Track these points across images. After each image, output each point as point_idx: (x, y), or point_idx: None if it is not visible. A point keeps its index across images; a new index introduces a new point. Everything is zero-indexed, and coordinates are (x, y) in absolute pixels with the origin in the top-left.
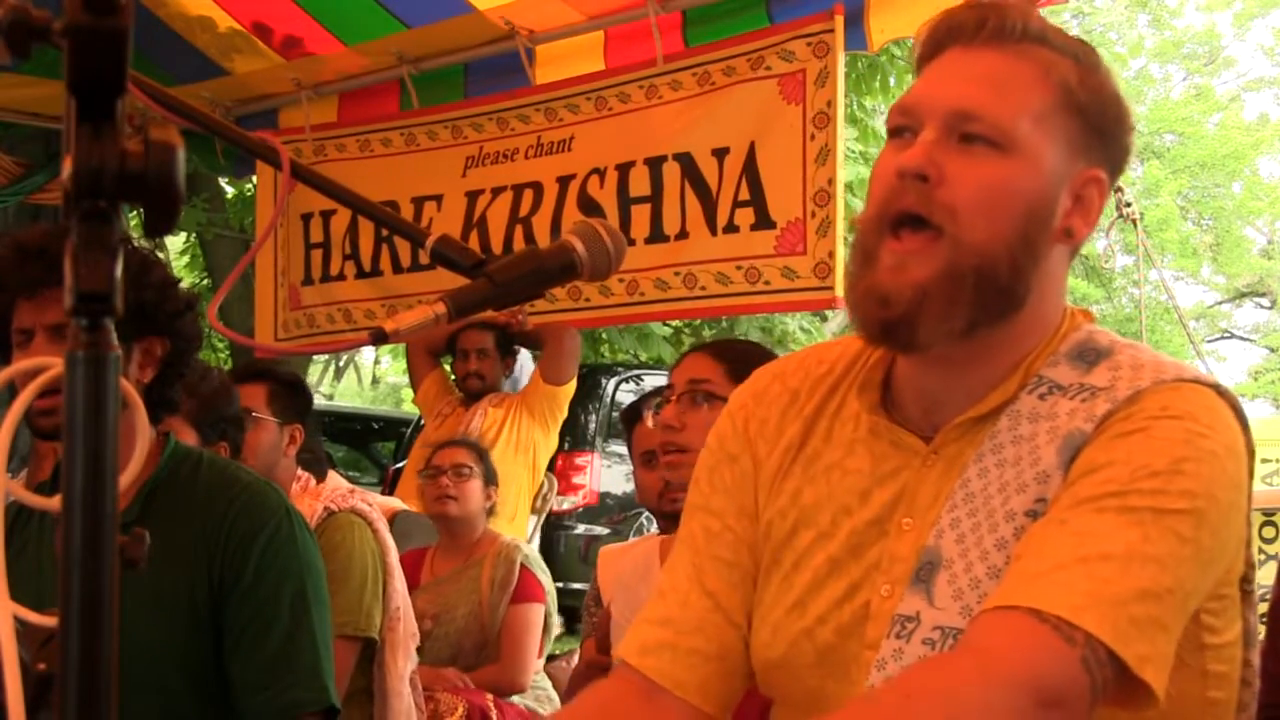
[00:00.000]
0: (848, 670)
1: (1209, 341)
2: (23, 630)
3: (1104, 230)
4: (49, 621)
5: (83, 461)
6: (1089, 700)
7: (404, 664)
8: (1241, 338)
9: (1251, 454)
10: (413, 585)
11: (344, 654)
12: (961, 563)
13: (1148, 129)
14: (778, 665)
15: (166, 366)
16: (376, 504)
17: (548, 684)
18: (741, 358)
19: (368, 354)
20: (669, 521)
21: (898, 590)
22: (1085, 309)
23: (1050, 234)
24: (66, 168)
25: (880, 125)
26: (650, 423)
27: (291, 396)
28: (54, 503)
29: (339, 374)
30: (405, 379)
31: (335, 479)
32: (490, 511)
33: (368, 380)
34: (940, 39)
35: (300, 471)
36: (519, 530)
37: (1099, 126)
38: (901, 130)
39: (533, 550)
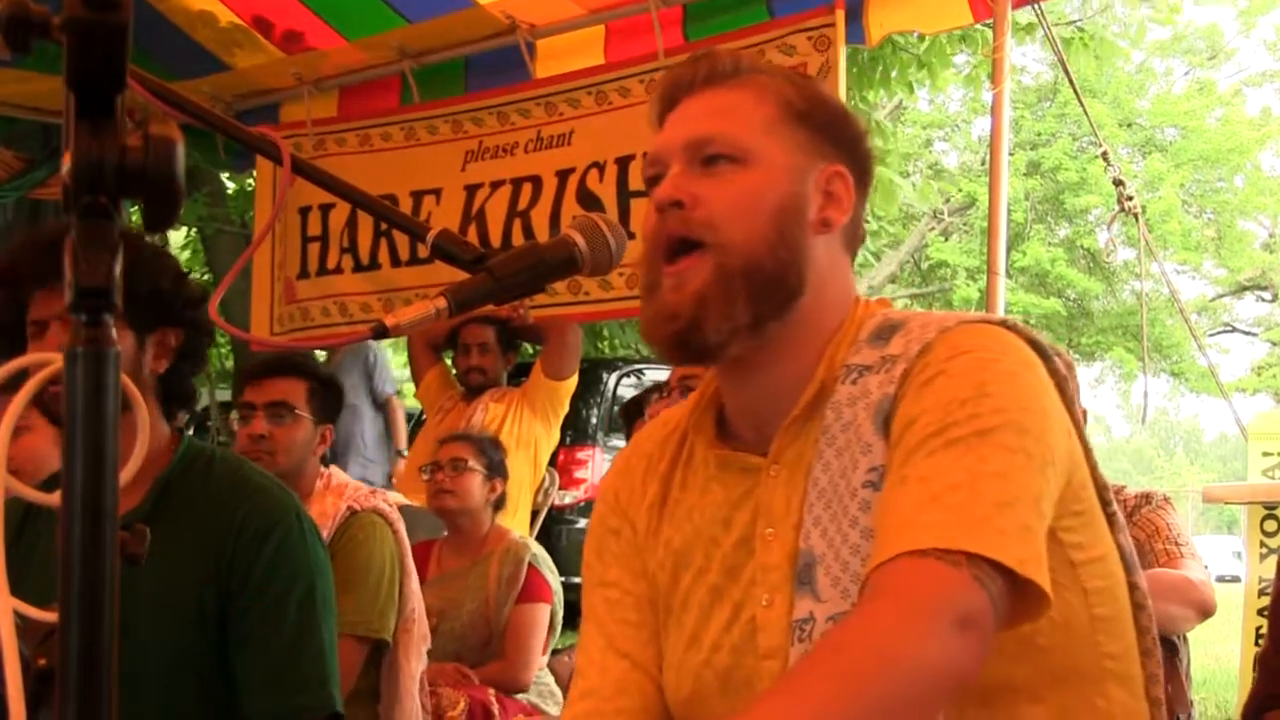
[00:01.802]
0: (751, 686)
1: (1210, 335)
2: (24, 626)
3: (1105, 224)
4: (49, 617)
5: (83, 457)
6: (993, 615)
7: (415, 666)
8: (1244, 331)
9: (1057, 376)
10: (419, 579)
11: (353, 654)
12: (831, 554)
13: (1149, 123)
14: (688, 701)
15: (181, 358)
16: (394, 504)
17: (550, 679)
18: None
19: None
20: None
21: (777, 598)
22: (882, 298)
23: (806, 226)
24: (66, 163)
25: (882, 117)
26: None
27: (327, 396)
28: (54, 498)
29: None
30: (407, 372)
31: (337, 473)
32: (498, 505)
33: None
34: (668, 96)
35: (323, 469)
36: (520, 525)
37: (826, 129)
38: (654, 179)
39: (541, 550)
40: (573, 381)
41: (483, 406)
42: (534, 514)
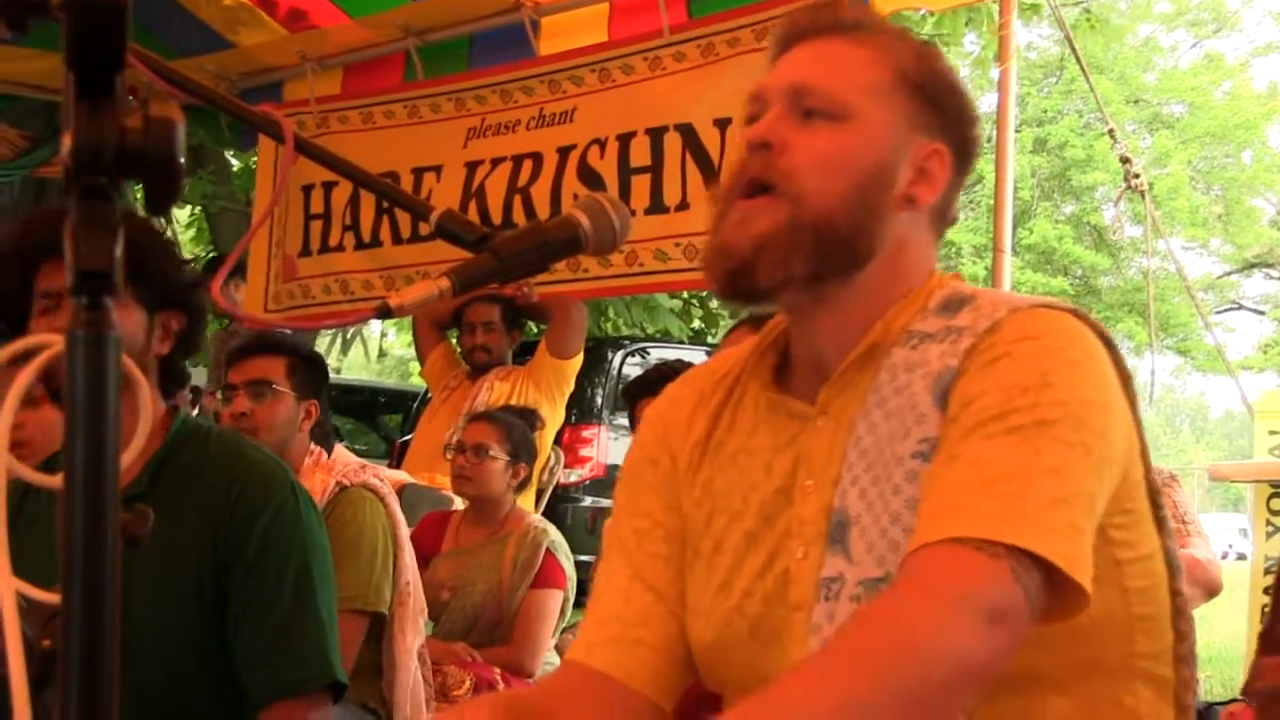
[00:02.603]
0: (780, 637)
1: (1218, 312)
2: (27, 607)
3: (1113, 201)
4: (52, 598)
5: (84, 441)
6: (1028, 610)
7: (412, 638)
8: (1251, 309)
9: (1122, 370)
10: (435, 550)
11: (353, 629)
12: (869, 516)
13: (1156, 98)
14: (714, 647)
15: (180, 341)
16: (386, 478)
17: (557, 660)
18: None
19: (374, 326)
20: None
21: (812, 551)
22: (957, 274)
23: (890, 197)
24: (66, 144)
25: None
26: None
27: (310, 371)
28: (56, 480)
29: (346, 346)
30: (412, 351)
31: (342, 453)
32: (522, 486)
33: (374, 353)
34: (785, 38)
35: (312, 445)
36: (525, 504)
37: (937, 105)
38: (754, 117)
39: (559, 535)
40: (578, 360)
41: (488, 385)
42: (539, 493)
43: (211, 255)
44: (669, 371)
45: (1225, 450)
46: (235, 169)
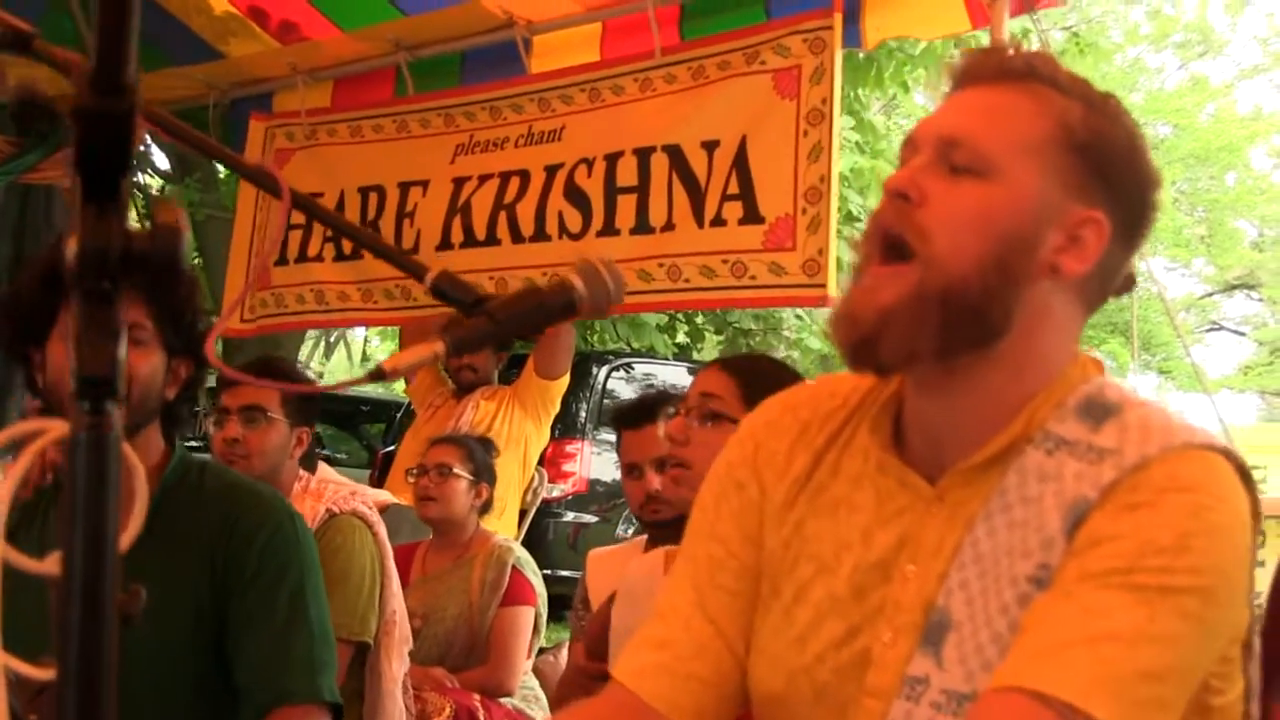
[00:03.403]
0: (846, 713)
1: (1198, 332)
2: (15, 680)
3: None
4: (43, 675)
5: (83, 541)
6: None
7: (397, 667)
8: (1232, 330)
9: (1257, 517)
10: (403, 582)
11: (338, 657)
12: (969, 626)
13: (1141, 119)
14: (777, 699)
15: (186, 387)
16: (374, 505)
17: (536, 684)
18: (757, 376)
19: (358, 332)
20: (654, 529)
21: (900, 641)
22: (1097, 359)
23: (1033, 265)
24: (71, 247)
25: (875, 117)
26: (661, 431)
27: (304, 399)
28: (51, 565)
29: (329, 351)
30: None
31: (327, 472)
32: (484, 509)
33: (358, 357)
34: (954, 78)
35: (302, 472)
36: (509, 524)
37: (1102, 169)
38: (905, 161)
39: (524, 552)
40: (564, 381)
41: (473, 404)
42: (522, 513)
43: (196, 260)
44: (651, 400)
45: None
46: (222, 176)
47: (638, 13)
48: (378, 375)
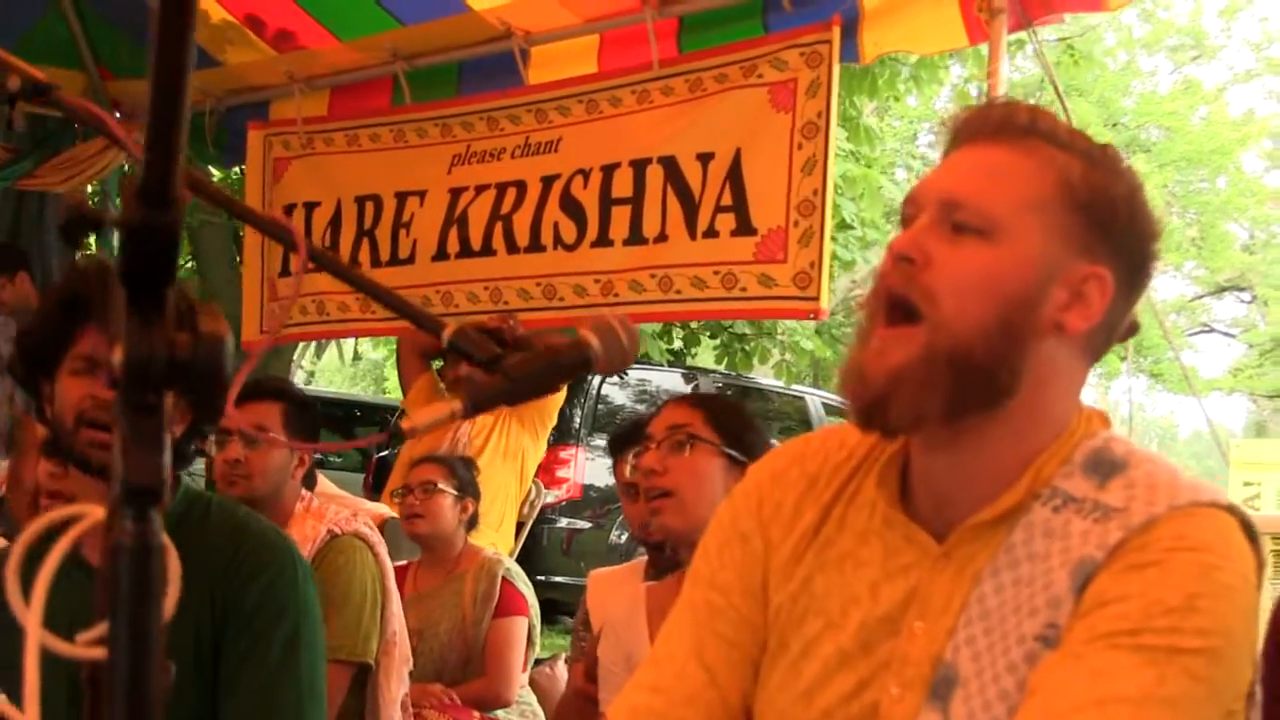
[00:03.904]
0: None
1: (1189, 335)
2: None
3: None
4: None
5: (128, 644)
6: None
7: (397, 688)
8: (1222, 332)
9: (1261, 568)
10: None
11: (338, 678)
12: (976, 683)
13: (1134, 122)
14: None
15: (191, 426)
16: (373, 524)
17: (533, 698)
18: (720, 405)
19: None
20: (655, 552)
21: (909, 696)
22: (1102, 412)
23: (1038, 324)
24: (117, 356)
25: (870, 123)
26: (628, 472)
27: (304, 418)
28: (99, 652)
29: (320, 350)
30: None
31: (326, 486)
32: (471, 524)
33: (349, 356)
34: (954, 135)
35: (304, 492)
36: (505, 537)
37: (1103, 225)
38: (908, 220)
39: (514, 564)
40: (561, 395)
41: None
42: (519, 525)
43: (190, 263)
44: (649, 421)
45: (1193, 470)
46: (215, 178)
47: (636, 25)
48: (398, 434)
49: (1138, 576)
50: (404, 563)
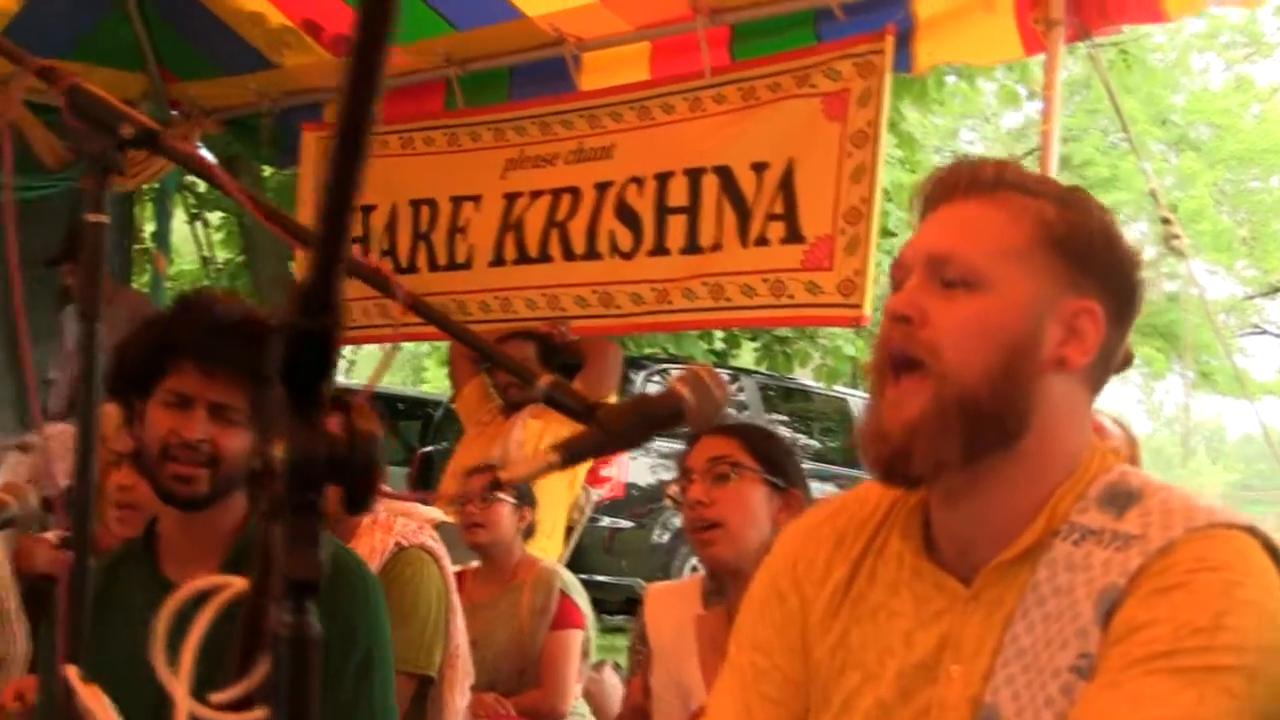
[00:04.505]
0: None
1: (1240, 336)
2: None
3: (1137, 222)
4: None
5: None
6: None
7: (460, 700)
8: (1274, 333)
9: None
10: None
11: (401, 690)
12: None
13: (1183, 120)
14: None
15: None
16: (434, 532)
17: (586, 710)
18: (758, 434)
19: None
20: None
21: None
22: (1115, 448)
23: (1038, 363)
24: (277, 453)
25: (912, 128)
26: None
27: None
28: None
29: None
30: (424, 348)
31: (393, 505)
32: (528, 533)
33: (387, 344)
34: (927, 199)
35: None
36: (555, 543)
37: (1084, 259)
38: (898, 284)
39: (571, 576)
40: (612, 401)
41: (521, 422)
42: (569, 530)
43: (241, 256)
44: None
45: (1243, 474)
46: (266, 174)
47: (687, 33)
48: (495, 485)
49: (1164, 600)
50: (460, 568)
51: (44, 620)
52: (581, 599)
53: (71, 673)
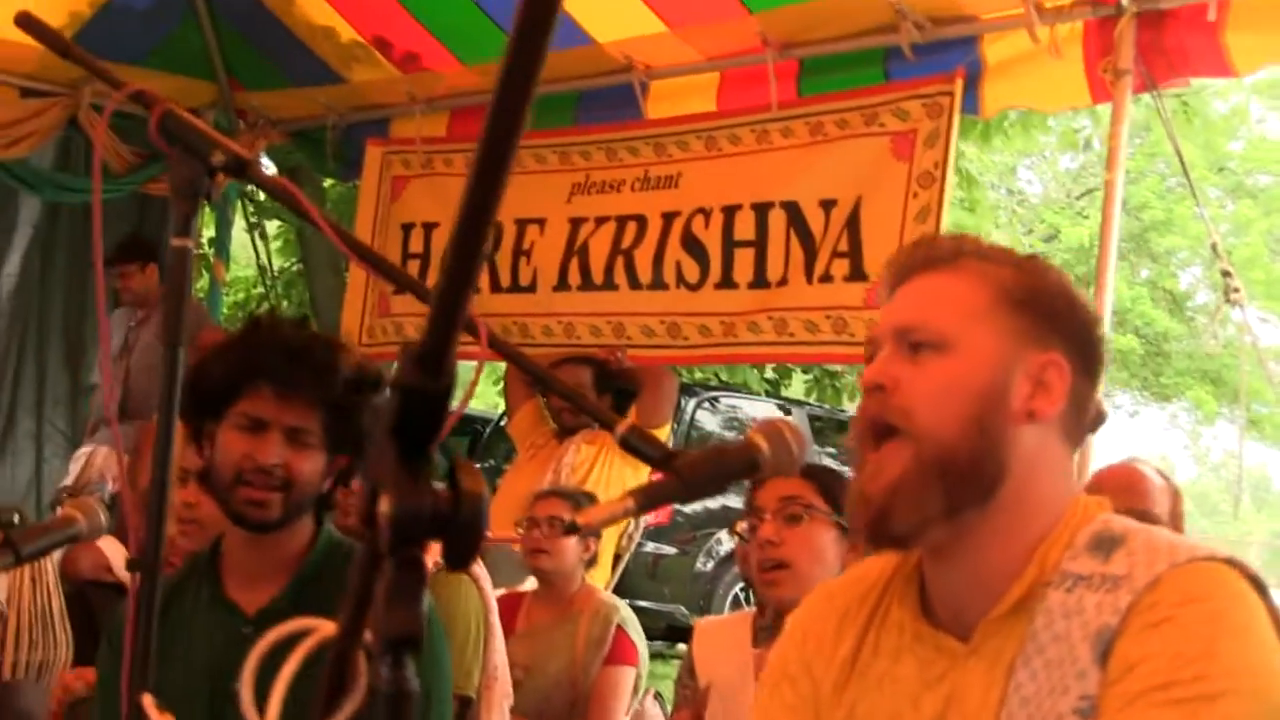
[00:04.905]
0: None
1: None
2: None
3: (1191, 267)
4: None
5: None
6: None
7: None
8: None
9: (1275, 616)
10: (508, 631)
11: None
12: None
13: (1240, 168)
14: None
15: (340, 477)
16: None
17: None
18: (828, 476)
19: None
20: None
21: None
22: (1100, 499)
23: (1009, 415)
24: (384, 507)
25: (974, 169)
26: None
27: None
28: None
29: None
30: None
31: None
32: (590, 562)
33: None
34: (892, 279)
35: None
36: (603, 571)
37: (1047, 315)
38: (871, 358)
39: (629, 611)
40: (667, 429)
41: (574, 447)
42: (617, 557)
43: (297, 265)
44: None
45: None
46: (326, 185)
47: (756, 65)
48: (570, 529)
49: (1155, 635)
50: (519, 591)
51: (103, 639)
52: (637, 635)
53: (148, 702)
